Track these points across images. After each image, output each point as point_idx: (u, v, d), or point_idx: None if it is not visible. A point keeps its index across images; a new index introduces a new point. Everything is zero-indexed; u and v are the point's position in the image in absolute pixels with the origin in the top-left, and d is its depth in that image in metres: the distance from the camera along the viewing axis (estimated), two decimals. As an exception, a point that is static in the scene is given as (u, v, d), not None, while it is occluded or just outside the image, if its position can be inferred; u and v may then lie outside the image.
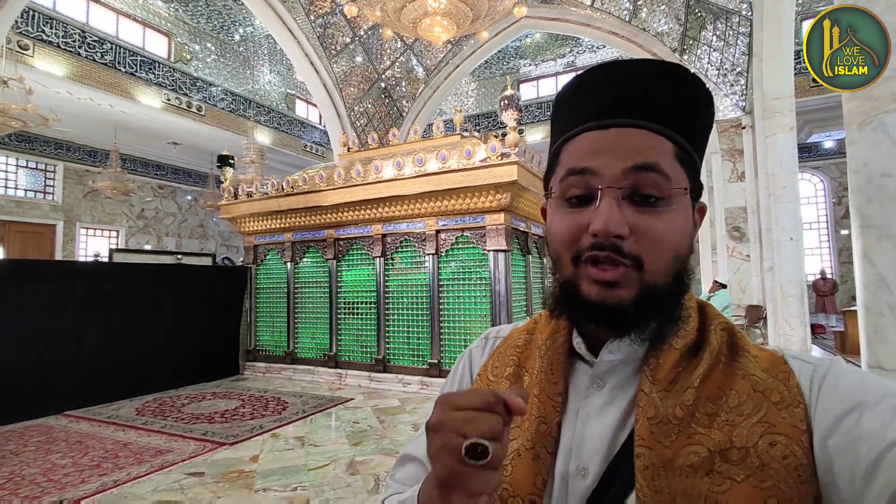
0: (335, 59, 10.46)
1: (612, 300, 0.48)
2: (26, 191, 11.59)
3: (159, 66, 10.57)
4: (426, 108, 12.32)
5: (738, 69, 7.92)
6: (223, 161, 7.28)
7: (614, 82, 0.51)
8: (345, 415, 4.63)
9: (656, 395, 0.48)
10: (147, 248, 13.71)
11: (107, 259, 9.90)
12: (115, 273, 5.87)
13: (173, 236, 14.79)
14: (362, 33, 10.53)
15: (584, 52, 14.18)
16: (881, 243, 1.79)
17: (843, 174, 13.09)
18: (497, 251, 5.22)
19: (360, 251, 6.19)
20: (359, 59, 10.89)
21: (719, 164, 8.30)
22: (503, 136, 5.16)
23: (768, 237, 6.81)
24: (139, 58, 10.17)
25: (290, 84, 14.12)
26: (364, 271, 6.14)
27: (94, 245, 12.88)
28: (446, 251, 5.56)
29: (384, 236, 5.93)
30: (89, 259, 12.02)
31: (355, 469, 3.25)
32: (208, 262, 10.83)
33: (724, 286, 7.31)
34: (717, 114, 8.22)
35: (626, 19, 9.06)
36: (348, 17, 9.43)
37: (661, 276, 0.49)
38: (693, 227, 0.52)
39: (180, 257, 10.01)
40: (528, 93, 15.26)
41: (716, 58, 8.16)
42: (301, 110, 14.80)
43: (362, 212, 5.97)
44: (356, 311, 6.14)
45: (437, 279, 5.57)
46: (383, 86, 11.52)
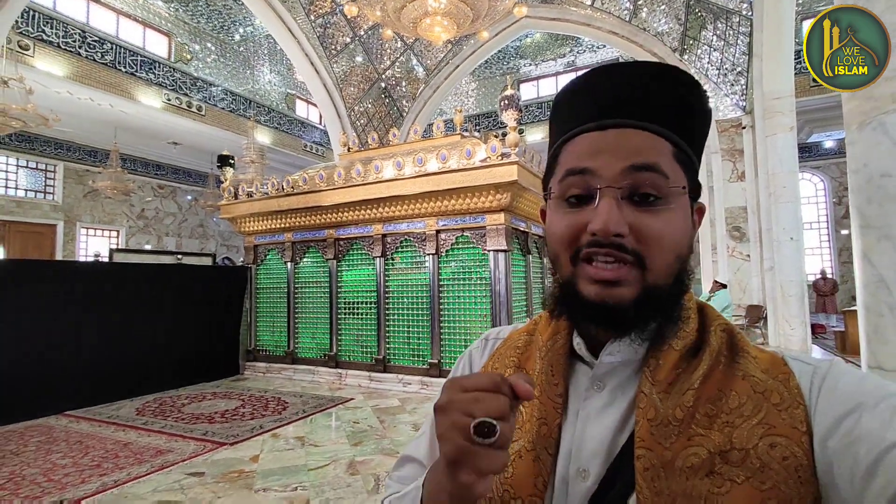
0: (335, 58, 10.46)
1: (612, 299, 0.47)
2: (27, 191, 11.60)
3: (159, 66, 10.57)
4: (426, 108, 12.32)
5: (739, 69, 7.92)
6: (223, 161, 7.28)
7: (615, 83, 0.51)
8: (345, 415, 4.63)
9: (656, 397, 0.47)
10: (147, 248, 13.72)
11: (107, 259, 9.90)
12: (115, 273, 5.87)
13: (173, 236, 14.80)
14: (362, 33, 10.53)
15: (585, 51, 14.18)
16: (881, 244, 1.79)
17: (844, 174, 13.06)
18: (497, 251, 5.22)
19: (360, 251, 6.19)
20: (359, 58, 10.89)
21: (719, 163, 8.30)
22: (503, 135, 5.16)
23: (768, 237, 6.82)
24: (139, 58, 10.17)
25: (291, 84, 14.12)
26: (364, 271, 6.14)
27: (94, 245, 12.88)
28: (446, 251, 5.56)
29: (384, 236, 5.93)
30: (90, 259, 12.02)
31: (355, 469, 3.25)
32: (208, 262, 10.83)
33: (725, 286, 7.32)
34: (718, 113, 8.22)
35: (627, 19, 9.06)
36: (348, 17, 9.44)
37: (663, 277, 0.49)
38: (692, 228, 0.52)
39: (180, 257, 10.01)
40: (528, 93, 15.26)
41: (716, 57, 8.16)
42: (301, 110, 14.80)
43: (362, 212, 5.97)
44: (356, 311, 6.14)
45: (438, 279, 5.57)
46: (383, 86, 11.52)
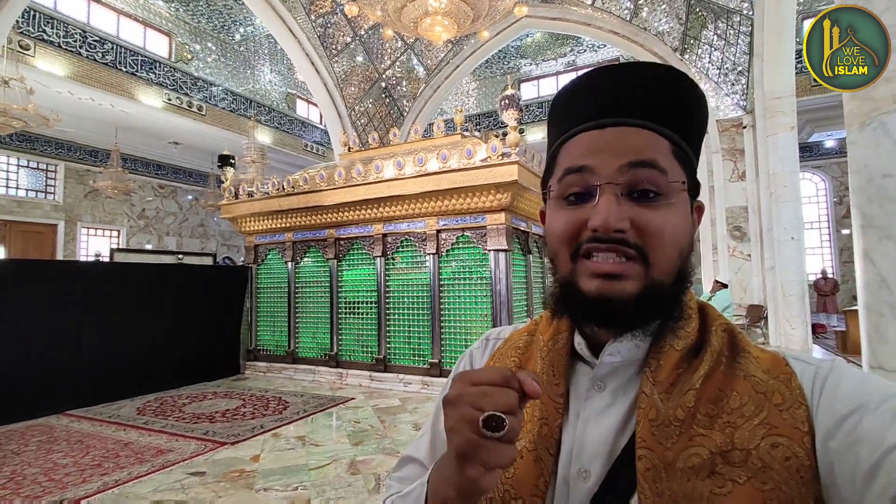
0: (336, 58, 10.46)
1: (613, 293, 0.47)
2: (27, 190, 11.61)
3: (160, 66, 10.57)
4: (427, 107, 12.31)
5: (739, 68, 7.91)
6: (224, 161, 7.29)
7: (616, 83, 0.51)
8: (346, 414, 4.64)
9: (657, 397, 0.47)
10: (148, 247, 13.72)
11: (108, 259, 9.91)
12: (116, 273, 5.87)
13: (174, 236, 14.81)
14: (363, 33, 10.53)
15: (585, 51, 14.17)
16: (882, 243, 1.79)
17: (845, 173, 13.07)
18: (498, 251, 5.22)
19: (360, 251, 6.19)
20: (359, 58, 10.88)
21: (720, 163, 8.29)
22: (504, 135, 5.15)
23: (769, 237, 6.82)
24: (140, 58, 10.17)
25: (291, 84, 14.13)
26: (365, 271, 6.14)
27: (95, 245, 12.89)
28: (447, 251, 5.56)
29: (385, 236, 5.94)
30: (90, 259, 12.03)
31: (356, 469, 3.25)
32: (209, 261, 10.82)
33: (726, 286, 7.32)
34: (719, 113, 8.21)
35: (627, 19, 9.05)
36: (349, 17, 9.44)
37: (666, 272, 0.49)
38: (692, 225, 0.52)
39: (181, 257, 10.00)
40: (528, 92, 15.25)
41: (717, 57, 8.15)
42: (302, 110, 14.80)
43: (363, 211, 5.97)
44: (357, 310, 6.15)
45: (438, 279, 5.57)
46: (384, 85, 11.52)
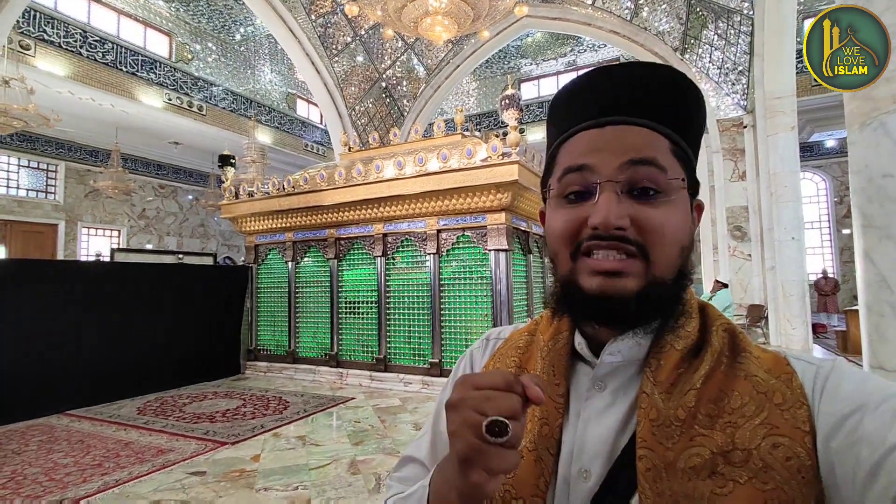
0: (336, 58, 10.46)
1: (614, 290, 0.47)
2: (28, 190, 11.62)
3: (160, 66, 10.58)
4: (427, 107, 12.31)
5: (740, 68, 7.91)
6: (224, 161, 7.29)
7: (616, 83, 0.51)
8: (346, 414, 4.64)
9: (658, 397, 0.47)
10: (148, 247, 13.73)
11: (108, 259, 9.91)
12: (116, 273, 5.87)
13: (174, 236, 14.82)
14: (363, 33, 10.53)
15: (586, 51, 14.16)
16: (882, 243, 1.78)
17: (845, 173, 13.07)
18: (498, 251, 5.22)
19: (361, 251, 6.19)
20: (360, 58, 10.88)
21: (720, 163, 8.28)
22: (504, 135, 5.15)
23: (770, 236, 6.81)
24: (140, 58, 10.18)
25: (291, 83, 14.13)
26: (365, 271, 6.14)
27: (95, 245, 12.90)
28: (447, 251, 5.56)
29: (385, 236, 5.94)
30: (91, 259, 12.03)
31: (357, 468, 3.25)
32: (209, 261, 10.81)
33: (726, 286, 7.32)
34: (719, 113, 8.21)
35: (628, 18, 9.04)
36: (349, 17, 9.43)
37: (667, 269, 0.49)
38: (692, 223, 0.52)
39: (182, 257, 10.00)
40: (529, 92, 15.25)
41: (717, 57, 8.14)
42: (302, 110, 14.80)
43: (363, 211, 5.97)
44: (357, 310, 6.15)
45: (438, 279, 5.57)
46: (384, 85, 11.51)
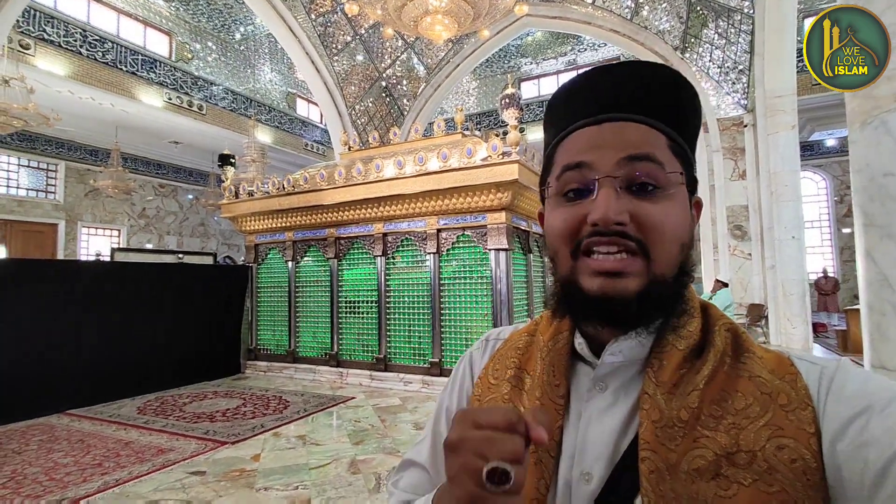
0: (336, 57, 10.45)
1: (615, 291, 0.47)
2: (28, 190, 11.62)
3: (160, 66, 10.57)
4: (427, 106, 12.30)
5: (740, 67, 7.89)
6: (224, 160, 7.28)
7: (616, 82, 0.51)
8: (346, 414, 4.64)
9: (660, 398, 0.47)
10: (149, 247, 13.73)
11: (108, 258, 9.91)
12: (116, 272, 5.88)
13: (174, 235, 14.82)
14: (363, 32, 10.52)
15: (586, 50, 14.14)
16: (883, 242, 1.78)
17: (845, 172, 13.07)
18: (498, 250, 5.21)
19: (361, 250, 6.19)
20: (360, 57, 10.87)
21: (721, 162, 8.27)
22: (504, 134, 5.15)
23: (770, 235, 6.80)
24: (140, 57, 10.17)
25: (291, 83, 14.12)
26: (365, 270, 6.14)
27: (95, 244, 12.90)
28: (447, 250, 5.56)
29: (385, 235, 5.93)
30: (91, 258, 12.03)
31: (357, 468, 3.25)
32: (209, 261, 10.82)
33: (726, 285, 7.32)
34: (719, 112, 8.20)
35: (628, 17, 9.03)
36: (349, 16, 9.43)
37: (668, 267, 0.48)
38: (691, 220, 0.52)
39: (182, 256, 10.00)
40: (529, 91, 15.24)
41: (717, 56, 8.13)
42: (302, 109, 14.79)
43: (363, 211, 5.97)
44: (357, 310, 6.14)
45: (439, 278, 5.56)
46: (384, 84, 11.50)
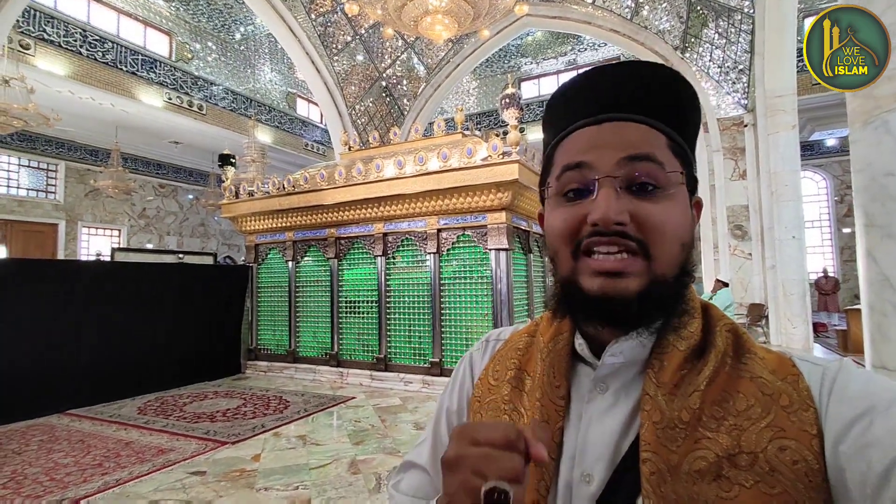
0: (336, 57, 10.45)
1: (615, 291, 0.46)
2: (28, 190, 11.62)
3: (160, 66, 10.57)
4: (427, 106, 12.30)
5: (740, 67, 7.89)
6: (224, 160, 7.28)
7: (616, 82, 0.51)
8: (346, 414, 4.64)
9: (661, 399, 0.46)
10: (149, 247, 13.73)
11: (108, 258, 9.91)
12: (116, 272, 5.87)
13: (175, 235, 14.82)
14: (363, 32, 10.51)
15: (586, 49, 14.14)
16: (884, 242, 1.78)
17: (846, 172, 13.06)
18: (498, 250, 5.21)
19: (361, 250, 6.18)
20: (360, 57, 10.87)
21: (721, 162, 8.27)
22: (504, 134, 5.15)
23: (770, 235, 6.80)
24: (140, 57, 10.17)
25: (292, 83, 14.12)
26: (365, 270, 6.14)
27: (95, 244, 12.90)
28: (447, 250, 5.55)
29: (385, 235, 5.93)
30: (91, 258, 12.03)
31: (357, 468, 3.25)
32: (210, 261, 10.82)
33: (727, 285, 7.31)
34: (720, 111, 8.20)
35: (628, 17, 9.02)
36: (349, 16, 9.43)
37: (669, 266, 0.48)
38: (692, 220, 0.52)
39: (182, 256, 10.00)
40: (529, 91, 15.24)
41: (718, 55, 8.12)
42: (302, 109, 14.79)
43: (363, 211, 5.97)
44: (357, 309, 6.14)
45: (439, 278, 5.56)
46: (384, 84, 11.50)
